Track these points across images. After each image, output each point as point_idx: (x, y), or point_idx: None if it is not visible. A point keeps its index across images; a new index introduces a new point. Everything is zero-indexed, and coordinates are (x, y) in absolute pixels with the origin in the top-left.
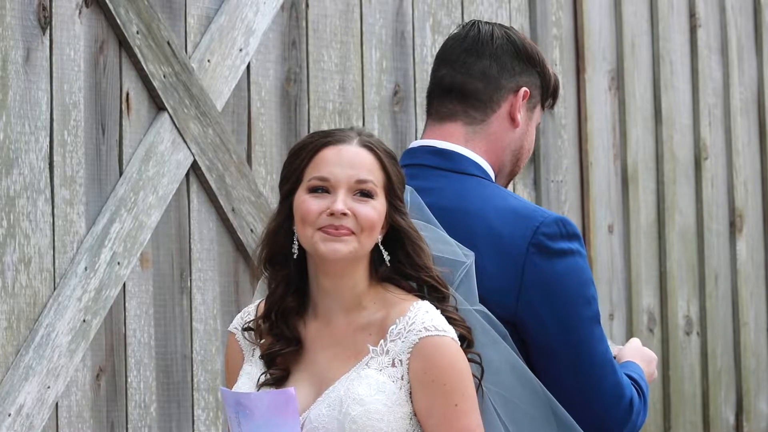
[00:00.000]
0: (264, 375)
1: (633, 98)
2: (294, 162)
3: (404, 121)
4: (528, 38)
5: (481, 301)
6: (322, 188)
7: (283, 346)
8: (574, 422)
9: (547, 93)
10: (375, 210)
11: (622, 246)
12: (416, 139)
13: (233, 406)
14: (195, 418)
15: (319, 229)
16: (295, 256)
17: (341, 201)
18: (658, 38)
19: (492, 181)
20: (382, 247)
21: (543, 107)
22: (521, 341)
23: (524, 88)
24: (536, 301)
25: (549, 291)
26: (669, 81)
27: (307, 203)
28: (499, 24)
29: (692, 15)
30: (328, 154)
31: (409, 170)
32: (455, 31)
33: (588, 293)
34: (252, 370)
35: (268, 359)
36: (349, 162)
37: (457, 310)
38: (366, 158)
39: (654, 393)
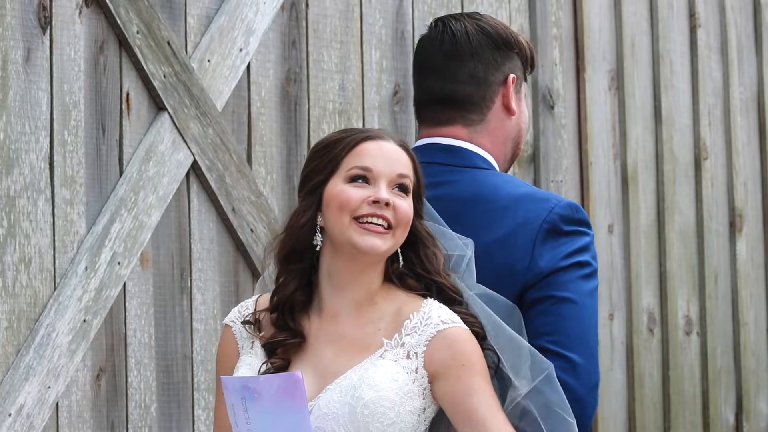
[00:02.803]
0: (265, 364)
1: (633, 98)
2: (329, 153)
3: (404, 121)
4: (496, 20)
5: (494, 278)
6: (363, 177)
7: (286, 337)
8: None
9: (527, 65)
10: (410, 207)
11: (622, 246)
12: (416, 140)
13: (239, 392)
14: (195, 418)
15: (357, 218)
16: (318, 248)
17: (384, 191)
18: (658, 38)
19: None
20: (399, 248)
21: (526, 79)
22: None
23: (511, 75)
24: (542, 265)
25: (555, 259)
26: (669, 81)
27: (347, 191)
28: (467, 15)
29: (692, 15)
30: (370, 146)
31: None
32: (426, 33)
33: (591, 268)
34: (252, 361)
35: (270, 349)
36: (390, 156)
37: (468, 308)
38: (403, 156)
39: (654, 393)
